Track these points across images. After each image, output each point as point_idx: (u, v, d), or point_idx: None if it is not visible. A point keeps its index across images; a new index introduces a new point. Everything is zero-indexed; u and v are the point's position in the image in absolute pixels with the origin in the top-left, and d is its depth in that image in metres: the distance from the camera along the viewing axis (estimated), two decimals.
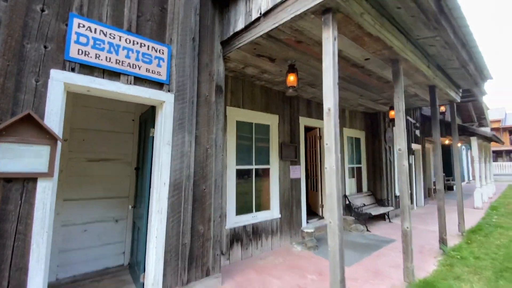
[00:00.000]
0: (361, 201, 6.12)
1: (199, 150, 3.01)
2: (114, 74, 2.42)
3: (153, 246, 2.61)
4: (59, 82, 2.12)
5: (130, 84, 2.51)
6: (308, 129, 6.10)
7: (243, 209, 4.19)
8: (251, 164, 4.37)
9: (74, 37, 2.21)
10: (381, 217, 6.51)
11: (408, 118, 8.31)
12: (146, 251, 2.71)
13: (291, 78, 3.46)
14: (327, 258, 3.97)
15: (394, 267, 3.65)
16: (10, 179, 1.91)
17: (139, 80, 2.58)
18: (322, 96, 5.36)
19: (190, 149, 2.92)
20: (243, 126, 4.30)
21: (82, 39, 2.25)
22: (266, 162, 4.59)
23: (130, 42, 2.52)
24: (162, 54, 2.73)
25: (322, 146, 5.88)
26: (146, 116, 3.15)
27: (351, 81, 4.28)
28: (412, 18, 2.86)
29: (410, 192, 8.07)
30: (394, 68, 3.32)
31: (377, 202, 6.70)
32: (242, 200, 4.19)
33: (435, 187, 10.72)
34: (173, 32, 2.86)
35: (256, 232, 4.18)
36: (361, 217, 5.59)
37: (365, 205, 5.94)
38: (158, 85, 2.70)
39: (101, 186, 3.56)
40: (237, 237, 3.90)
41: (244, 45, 3.01)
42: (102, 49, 2.35)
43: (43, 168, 2.04)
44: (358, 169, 6.82)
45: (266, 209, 4.52)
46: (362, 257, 4.07)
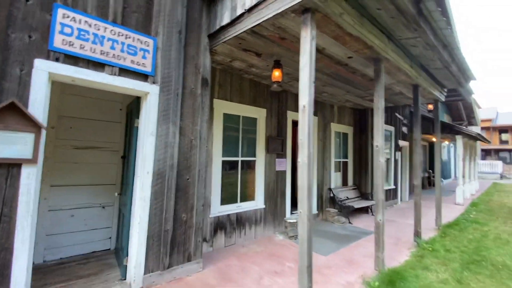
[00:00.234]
0: (345, 194, 6.33)
1: (184, 141, 3.11)
2: (99, 65, 2.48)
3: (135, 231, 2.74)
4: (43, 71, 2.19)
5: (115, 75, 2.57)
6: (297, 123, 6.21)
7: (228, 199, 4.33)
8: (238, 156, 4.49)
9: (58, 27, 2.26)
10: (364, 210, 6.74)
11: (396, 115, 8.48)
12: (129, 236, 2.84)
13: (276, 74, 3.54)
14: None
15: (368, 257, 3.85)
16: None
17: (124, 71, 2.64)
18: None
19: (174, 140, 3.02)
20: (231, 119, 4.39)
21: (67, 30, 2.30)
22: (253, 155, 4.71)
23: (115, 33, 2.57)
24: (148, 46, 2.78)
25: None
26: (132, 106, 3.23)
27: (337, 78, 4.38)
28: (392, 19, 2.95)
29: (395, 187, 8.33)
30: (376, 66, 3.43)
31: (361, 195, 6.92)
32: (227, 190, 4.33)
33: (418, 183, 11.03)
34: (159, 24, 2.91)
35: (240, 221, 4.34)
36: (344, 209, 5.80)
37: (348, 198, 6.14)
38: (143, 76, 2.77)
39: (88, 173, 3.65)
40: (221, 225, 4.06)
41: (229, 39, 3.08)
42: (87, 39, 2.40)
43: (28, 154, 2.13)
44: (345, 163, 7.00)
45: (251, 199, 4.67)
46: (340, 247, 4.27)
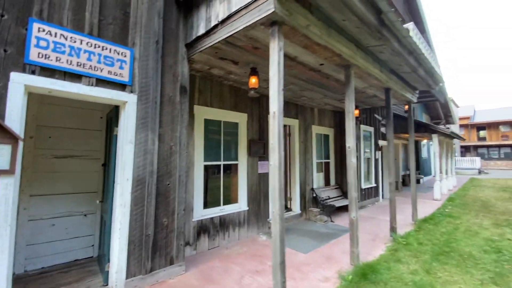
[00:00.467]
0: (327, 194, 6.54)
1: (163, 147, 3.21)
2: (75, 76, 2.56)
3: (116, 237, 2.81)
4: (19, 84, 2.25)
5: (92, 85, 2.65)
6: None
7: (211, 202, 4.44)
8: (219, 160, 4.60)
9: (34, 41, 2.33)
10: (346, 208, 6.96)
11: (376, 116, 8.82)
12: (110, 242, 2.90)
13: (253, 81, 3.70)
14: (289, 246, 4.33)
15: (346, 253, 4.04)
16: None
17: (101, 81, 2.72)
18: (289, 96, 5.63)
19: (154, 147, 3.11)
20: (212, 124, 4.51)
21: (42, 43, 2.37)
22: (235, 158, 4.84)
23: (91, 45, 2.65)
24: (125, 56, 2.88)
25: (291, 143, 6.21)
26: (112, 114, 3.29)
27: (313, 83, 4.59)
28: (357, 29, 3.17)
29: (376, 185, 8.64)
30: (346, 73, 3.65)
31: (343, 194, 7.16)
32: (210, 194, 4.44)
33: (402, 181, 11.46)
34: (136, 35, 3.01)
35: (223, 224, 4.45)
36: (326, 208, 6.01)
37: (330, 197, 6.36)
38: (120, 86, 2.85)
39: (69, 181, 3.67)
40: (204, 228, 4.15)
41: (206, 48, 3.21)
42: (63, 52, 2.48)
43: (5, 165, 2.17)
44: (327, 163, 7.24)
45: (234, 202, 4.79)
46: (320, 245, 4.45)
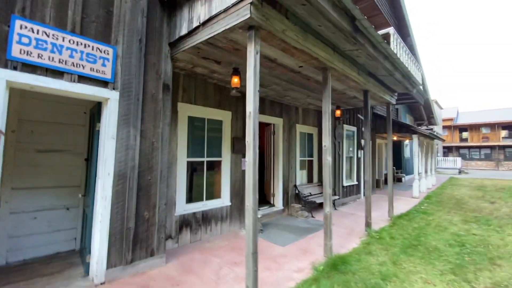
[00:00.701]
0: (310, 190, 6.77)
1: (145, 143, 3.31)
2: (57, 73, 2.63)
3: (97, 229, 2.91)
4: (1, 79, 2.31)
5: (74, 82, 2.72)
6: (266, 124, 6.56)
7: (194, 197, 4.57)
8: (203, 156, 4.73)
9: (16, 37, 2.39)
10: None
11: (359, 116, 9.11)
12: (92, 234, 3.00)
13: (235, 80, 3.83)
14: (269, 240, 4.52)
15: (321, 246, 4.23)
16: None
17: (83, 78, 2.80)
18: (273, 95, 5.81)
19: (135, 142, 3.21)
20: (196, 121, 4.62)
21: (24, 40, 2.43)
22: (218, 155, 4.97)
23: (74, 42, 2.72)
24: (107, 54, 2.95)
25: (275, 141, 6.39)
26: (94, 110, 3.37)
27: (294, 83, 4.76)
28: (333, 34, 3.35)
29: (358, 183, 8.94)
30: (323, 75, 3.83)
31: None
32: (193, 189, 4.56)
33: (384, 179, 11.87)
34: (119, 33, 3.09)
35: (206, 218, 4.59)
36: (307, 204, 6.23)
37: (311, 194, 6.59)
38: (102, 83, 2.93)
39: (52, 175, 3.72)
40: (186, 223, 4.28)
41: (188, 48, 3.31)
42: (45, 49, 2.54)
43: None
44: (310, 161, 7.47)
45: (217, 197, 4.93)
46: (298, 238, 4.66)
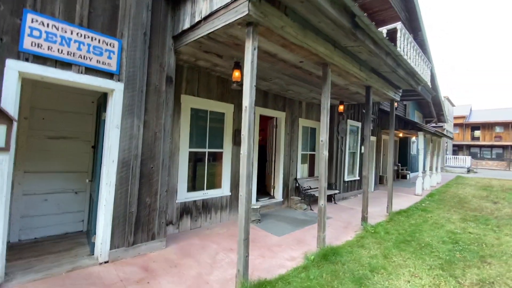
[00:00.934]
0: (310, 184, 6.88)
1: (148, 133, 3.47)
2: (66, 64, 2.78)
3: (102, 212, 3.12)
4: (14, 70, 2.48)
5: (81, 73, 2.88)
6: (268, 117, 6.65)
7: (195, 186, 4.75)
8: (205, 147, 4.88)
9: (27, 30, 2.54)
10: (328, 199, 7.33)
11: (363, 111, 9.05)
12: (97, 217, 3.21)
13: (236, 74, 3.92)
14: (265, 230, 4.69)
15: (316, 237, 4.39)
16: None
17: (90, 70, 2.95)
18: (277, 89, 5.86)
19: (139, 132, 3.37)
20: (198, 113, 4.76)
21: (35, 33, 2.58)
22: (220, 146, 5.12)
23: (81, 35, 2.86)
24: (113, 47, 3.09)
25: (277, 134, 6.49)
26: (101, 100, 3.53)
27: (297, 78, 4.81)
28: (333, 31, 3.38)
29: (360, 178, 8.97)
30: (323, 70, 3.87)
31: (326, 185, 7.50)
32: (194, 178, 4.74)
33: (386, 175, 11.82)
34: (124, 27, 3.21)
35: (206, 206, 4.78)
36: (306, 197, 6.36)
37: (311, 187, 6.70)
38: (108, 75, 3.08)
39: (61, 161, 3.94)
40: (187, 210, 4.48)
41: (190, 42, 3.41)
42: (54, 41, 2.69)
43: (1, 143, 2.44)
44: (312, 155, 7.55)
45: (218, 187, 5.10)
46: (294, 229, 4.81)
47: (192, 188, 4.69)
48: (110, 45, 3.07)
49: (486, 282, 3.12)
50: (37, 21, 2.59)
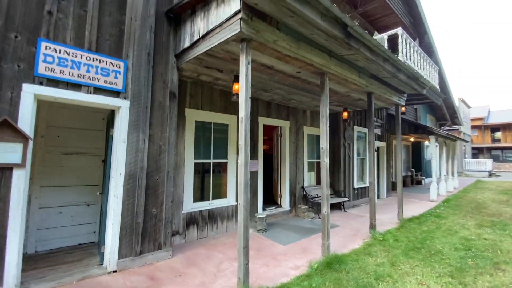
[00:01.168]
0: (317, 192, 6.84)
1: (153, 146, 3.64)
2: (76, 86, 3.02)
3: (110, 223, 3.27)
4: (30, 93, 2.73)
5: (90, 93, 3.11)
6: (273, 127, 6.74)
7: (201, 197, 4.87)
8: (209, 158, 5.02)
9: (42, 57, 2.80)
10: (337, 206, 7.26)
11: None
12: (106, 228, 3.37)
13: (236, 87, 4.06)
14: (271, 239, 4.71)
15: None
16: None
17: (98, 90, 3.18)
18: (279, 99, 5.99)
19: (144, 146, 3.55)
20: (202, 125, 4.93)
21: (49, 59, 2.84)
22: (224, 157, 5.24)
23: (90, 59, 3.11)
24: (119, 68, 3.33)
25: (282, 143, 6.56)
26: (109, 117, 3.76)
27: (297, 87, 4.92)
28: (326, 41, 3.49)
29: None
30: (321, 80, 3.96)
31: (335, 193, 7.44)
32: (200, 189, 4.87)
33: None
34: (129, 49, 3.45)
35: (212, 216, 4.86)
36: (314, 206, 6.32)
37: (318, 195, 6.65)
38: (115, 93, 3.31)
39: (74, 175, 4.18)
40: (193, 220, 4.58)
41: (191, 59, 3.61)
42: (66, 66, 2.94)
43: (18, 160, 2.66)
44: (318, 163, 7.52)
45: (223, 197, 5.19)
46: (301, 238, 4.79)
47: (198, 198, 4.81)
48: (116, 66, 3.30)
49: None
50: (50, 48, 2.86)
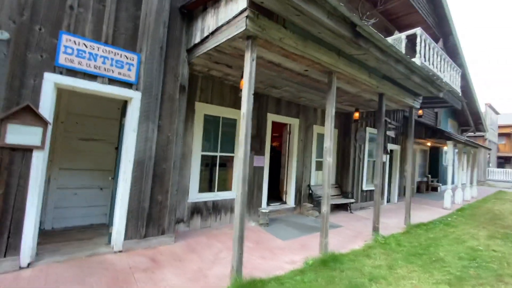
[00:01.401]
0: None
1: (161, 136, 3.83)
2: (92, 76, 3.24)
3: (118, 206, 3.50)
4: (50, 82, 2.96)
5: (105, 84, 3.32)
6: (283, 124, 6.78)
7: (206, 188, 5.03)
8: (217, 151, 5.17)
9: (62, 48, 3.03)
10: (343, 207, 7.22)
11: (386, 119, 8.77)
12: (114, 210, 3.61)
13: (242, 83, 4.15)
14: (272, 233, 4.81)
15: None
16: (15, 148, 2.80)
17: (113, 81, 3.38)
18: (289, 96, 6.05)
19: (153, 135, 3.74)
20: (211, 119, 5.07)
21: (68, 50, 3.07)
22: (231, 151, 5.37)
23: (106, 51, 3.31)
24: (133, 60, 3.51)
25: (290, 141, 6.59)
26: (122, 107, 3.98)
27: (306, 85, 4.93)
28: (334, 40, 3.48)
29: (382, 188, 8.66)
30: (328, 79, 3.96)
31: (342, 194, 7.39)
32: (205, 180, 5.03)
33: (416, 187, 11.19)
34: (143, 42, 3.63)
35: (216, 207, 5.03)
36: (319, 205, 6.32)
37: None
38: (128, 85, 3.50)
39: (90, 160, 4.47)
40: (197, 210, 4.76)
41: (201, 54, 3.74)
42: (83, 57, 3.16)
43: (37, 142, 2.91)
44: None
45: (228, 189, 5.33)
46: (301, 235, 4.85)
47: (203, 189, 4.98)
48: (130, 58, 3.49)
49: None
50: (70, 40, 3.08)
